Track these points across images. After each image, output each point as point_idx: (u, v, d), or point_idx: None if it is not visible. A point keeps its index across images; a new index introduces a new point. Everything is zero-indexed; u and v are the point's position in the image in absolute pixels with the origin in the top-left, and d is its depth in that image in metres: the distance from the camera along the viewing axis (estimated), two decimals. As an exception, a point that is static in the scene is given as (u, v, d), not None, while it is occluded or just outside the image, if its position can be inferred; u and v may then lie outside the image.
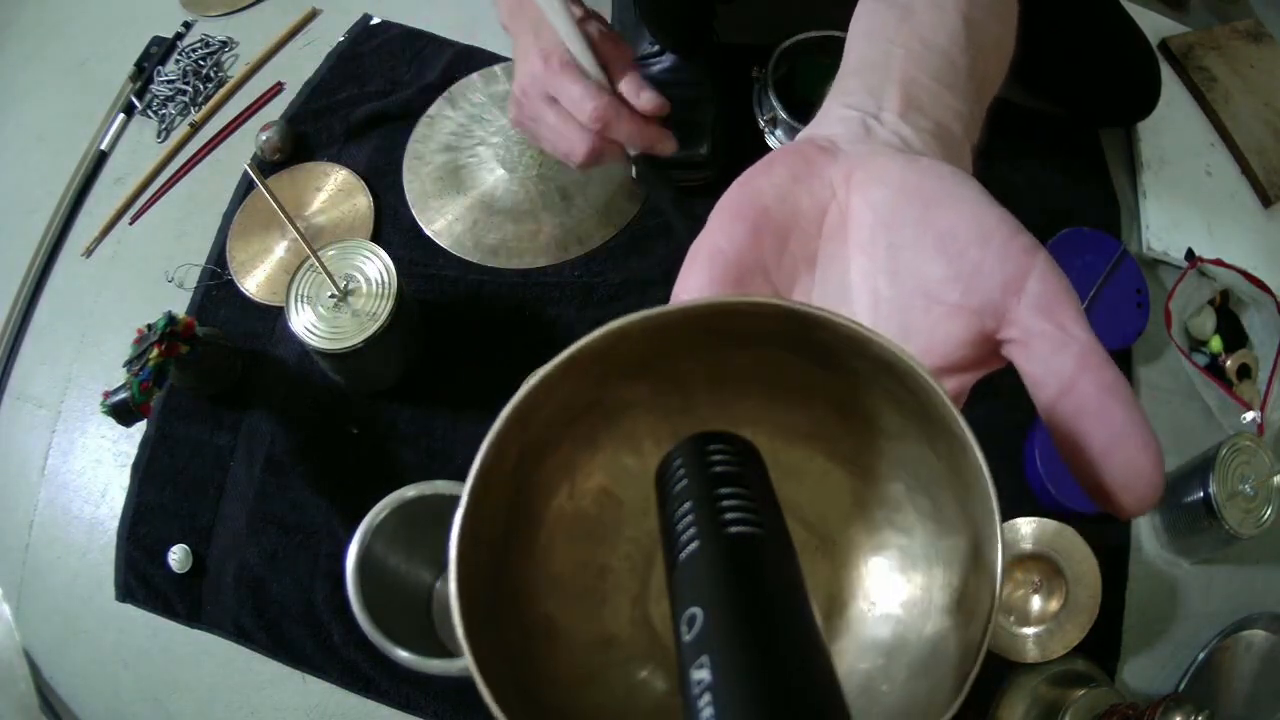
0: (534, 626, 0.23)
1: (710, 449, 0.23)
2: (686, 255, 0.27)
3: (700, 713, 0.16)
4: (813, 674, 0.18)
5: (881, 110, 0.29)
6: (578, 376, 0.22)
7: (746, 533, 0.21)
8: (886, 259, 0.24)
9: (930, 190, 0.24)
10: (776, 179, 0.27)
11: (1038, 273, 0.23)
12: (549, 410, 0.22)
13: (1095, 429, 0.21)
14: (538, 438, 0.23)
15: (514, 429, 0.21)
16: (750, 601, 0.19)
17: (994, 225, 0.23)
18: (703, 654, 0.17)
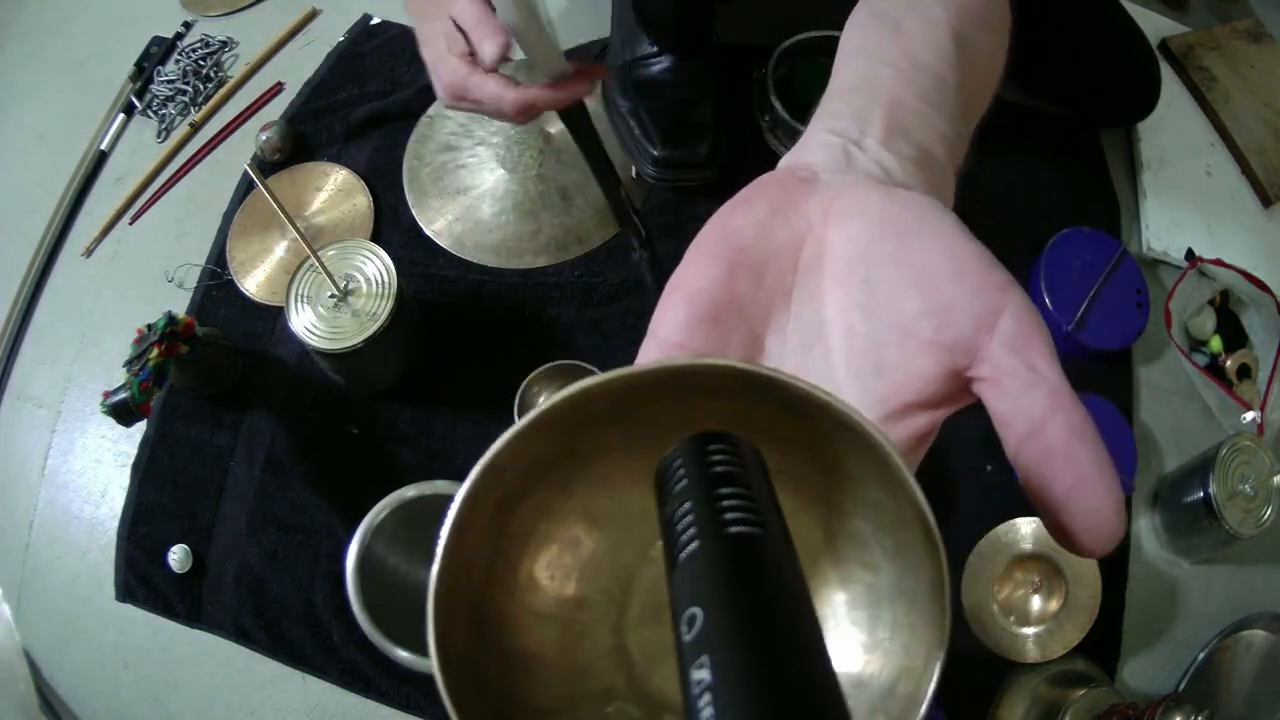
0: (512, 659, 0.24)
1: (710, 449, 0.23)
2: (664, 290, 0.27)
3: (700, 713, 0.16)
4: (813, 674, 0.18)
5: (864, 136, 0.29)
6: (547, 432, 0.22)
7: (746, 533, 0.21)
8: (862, 293, 0.24)
9: (906, 224, 0.25)
10: (755, 214, 0.27)
11: (1011, 310, 0.22)
12: (521, 463, 0.23)
13: (1061, 472, 0.21)
14: (512, 488, 0.23)
15: (486, 483, 0.22)
16: (750, 601, 0.19)
17: (969, 260, 0.23)
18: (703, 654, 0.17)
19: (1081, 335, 0.78)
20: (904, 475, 0.21)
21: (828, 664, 0.18)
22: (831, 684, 0.18)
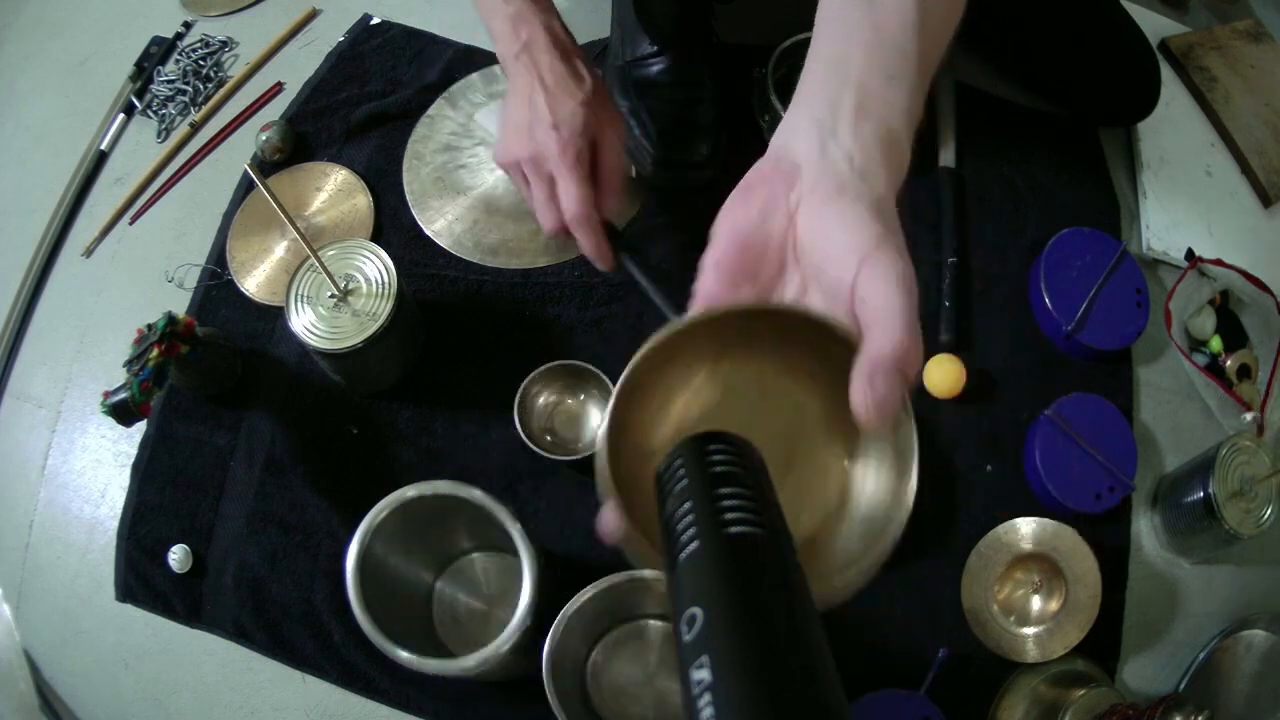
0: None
1: (710, 449, 0.23)
2: (702, 266, 0.41)
3: (700, 713, 0.16)
4: (812, 673, 0.18)
5: (838, 123, 0.40)
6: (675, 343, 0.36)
7: (746, 533, 0.21)
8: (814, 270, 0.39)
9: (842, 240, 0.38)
10: (750, 214, 0.41)
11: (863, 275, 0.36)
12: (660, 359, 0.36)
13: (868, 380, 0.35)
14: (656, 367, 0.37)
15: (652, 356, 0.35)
16: (750, 601, 0.19)
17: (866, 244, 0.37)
18: (703, 654, 0.17)
19: (1081, 335, 0.78)
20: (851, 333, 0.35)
21: (828, 663, 0.18)
22: (831, 684, 0.18)
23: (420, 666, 0.55)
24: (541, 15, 0.65)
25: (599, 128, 0.64)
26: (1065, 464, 0.74)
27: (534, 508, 0.74)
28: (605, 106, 0.65)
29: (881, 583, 0.73)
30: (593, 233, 0.63)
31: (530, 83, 0.63)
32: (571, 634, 0.61)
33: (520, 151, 0.63)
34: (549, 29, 0.65)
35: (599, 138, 0.64)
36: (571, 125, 0.62)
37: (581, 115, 0.62)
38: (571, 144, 0.61)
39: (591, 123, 0.63)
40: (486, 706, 0.69)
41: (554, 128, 0.62)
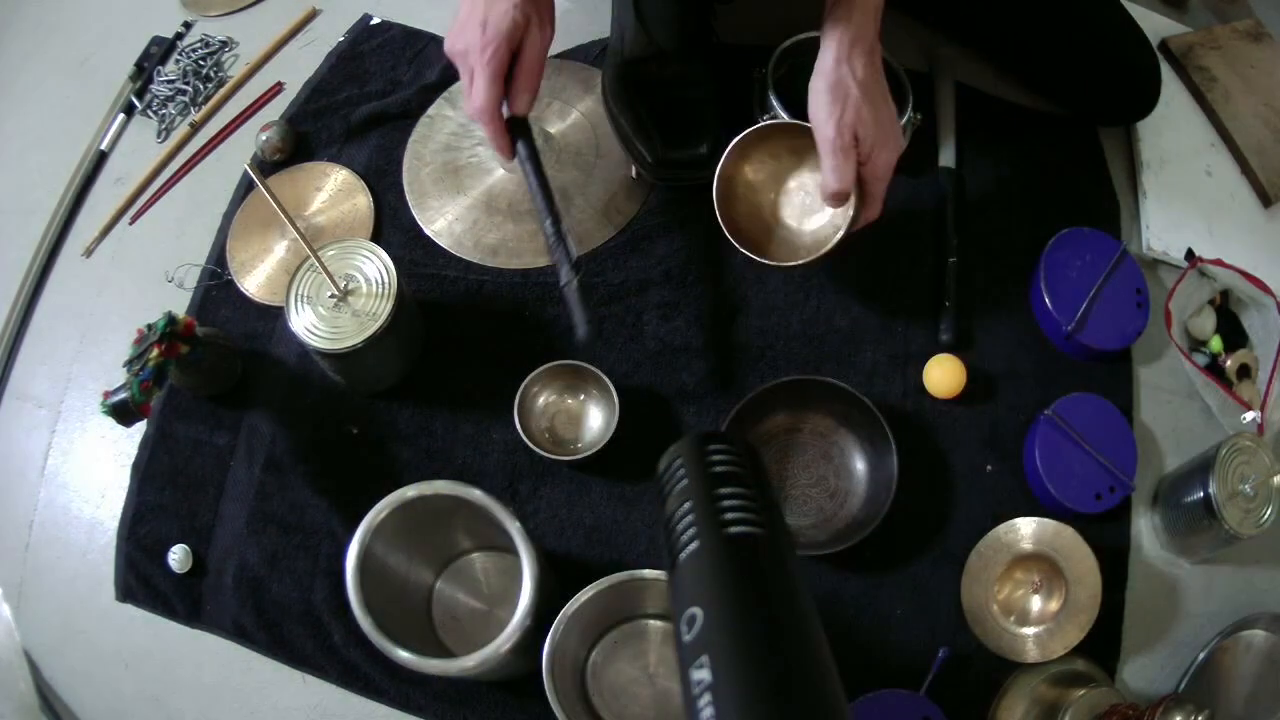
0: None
1: (710, 449, 0.23)
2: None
3: (700, 712, 0.16)
4: (812, 673, 0.18)
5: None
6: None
7: (746, 533, 0.21)
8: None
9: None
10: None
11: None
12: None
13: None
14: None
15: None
16: (750, 601, 0.19)
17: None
18: (703, 654, 0.17)
19: (1081, 335, 0.78)
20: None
21: (828, 663, 0.18)
22: (831, 684, 0.18)
23: (420, 666, 0.55)
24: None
25: (526, 28, 0.68)
26: (1065, 464, 0.74)
27: (534, 508, 0.74)
28: (538, 8, 0.69)
29: (881, 583, 0.73)
30: (489, 124, 0.69)
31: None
32: (571, 634, 0.61)
33: (455, 44, 0.69)
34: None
35: (524, 38, 0.68)
36: (497, 25, 0.66)
37: (510, 16, 0.66)
38: (491, 42, 0.66)
39: (519, 23, 0.67)
40: (486, 706, 0.69)
41: (481, 25, 0.67)
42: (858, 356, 0.79)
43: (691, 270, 0.82)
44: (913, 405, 0.78)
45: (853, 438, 0.76)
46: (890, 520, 0.69)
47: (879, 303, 0.81)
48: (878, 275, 0.82)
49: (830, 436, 0.77)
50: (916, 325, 0.81)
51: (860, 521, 0.72)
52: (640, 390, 0.77)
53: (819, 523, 0.74)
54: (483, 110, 0.69)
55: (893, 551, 0.73)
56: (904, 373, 0.79)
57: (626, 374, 0.78)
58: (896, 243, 0.83)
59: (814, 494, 0.75)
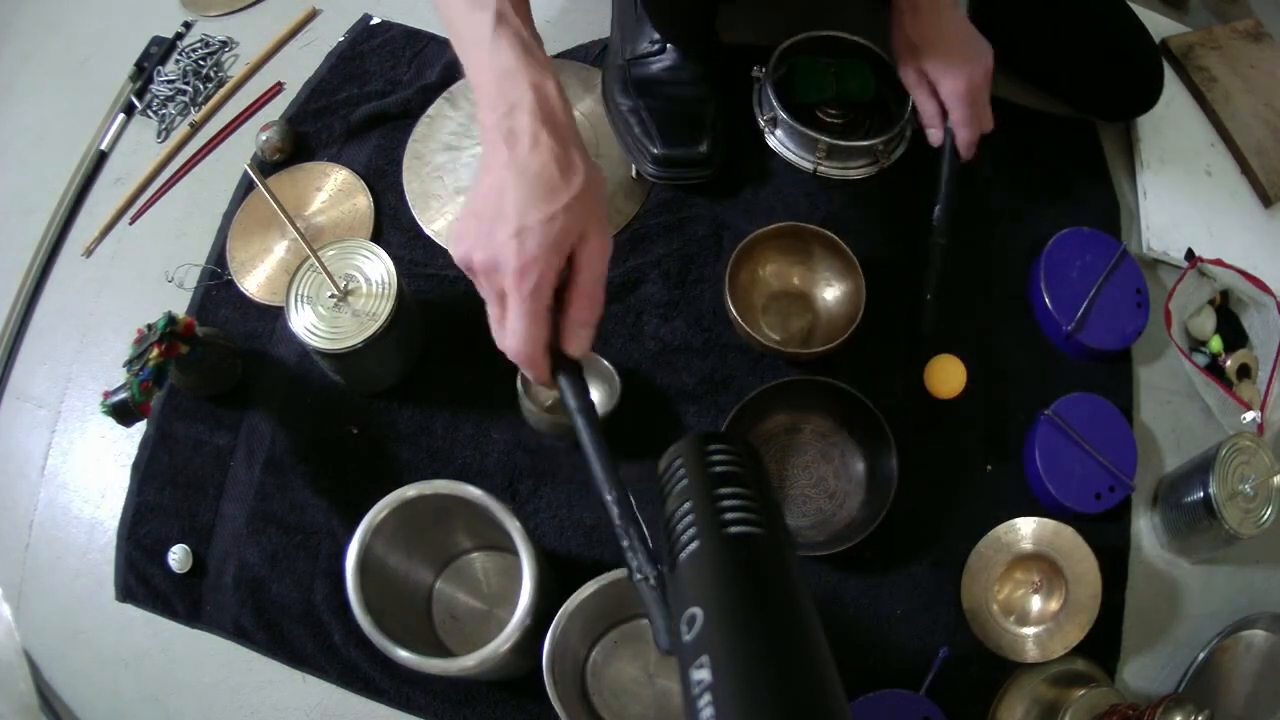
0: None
1: (710, 449, 0.23)
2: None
3: (700, 713, 0.16)
4: (812, 673, 0.18)
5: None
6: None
7: (746, 533, 0.21)
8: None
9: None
10: None
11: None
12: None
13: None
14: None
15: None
16: (750, 601, 0.19)
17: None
18: (703, 654, 0.17)
19: (1081, 335, 0.78)
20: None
21: (827, 663, 0.18)
22: (831, 683, 0.18)
23: (420, 666, 0.55)
24: (533, 72, 0.51)
25: (581, 239, 0.50)
26: (1065, 464, 0.74)
27: (534, 508, 0.74)
28: (593, 208, 0.51)
29: (881, 583, 0.73)
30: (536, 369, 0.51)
31: (505, 163, 0.51)
32: (571, 634, 0.61)
33: (475, 253, 0.52)
34: (539, 91, 0.51)
35: (578, 250, 0.50)
36: (540, 238, 0.48)
37: (558, 225, 0.49)
38: (535, 264, 0.48)
39: (571, 232, 0.49)
40: (486, 706, 0.69)
41: (516, 236, 0.49)
42: (858, 357, 0.79)
43: (691, 270, 0.82)
44: (913, 405, 0.78)
45: (852, 438, 0.76)
46: (890, 520, 0.69)
47: (879, 303, 0.81)
48: (878, 275, 0.82)
49: (830, 437, 0.77)
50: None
51: (860, 522, 0.71)
52: (640, 390, 0.77)
53: (818, 523, 0.74)
54: (528, 357, 0.49)
55: (892, 551, 0.73)
56: (904, 373, 0.79)
57: (626, 374, 0.78)
58: (897, 243, 0.83)
59: (814, 494, 0.76)
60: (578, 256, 0.50)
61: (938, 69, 0.74)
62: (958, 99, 0.74)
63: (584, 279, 0.51)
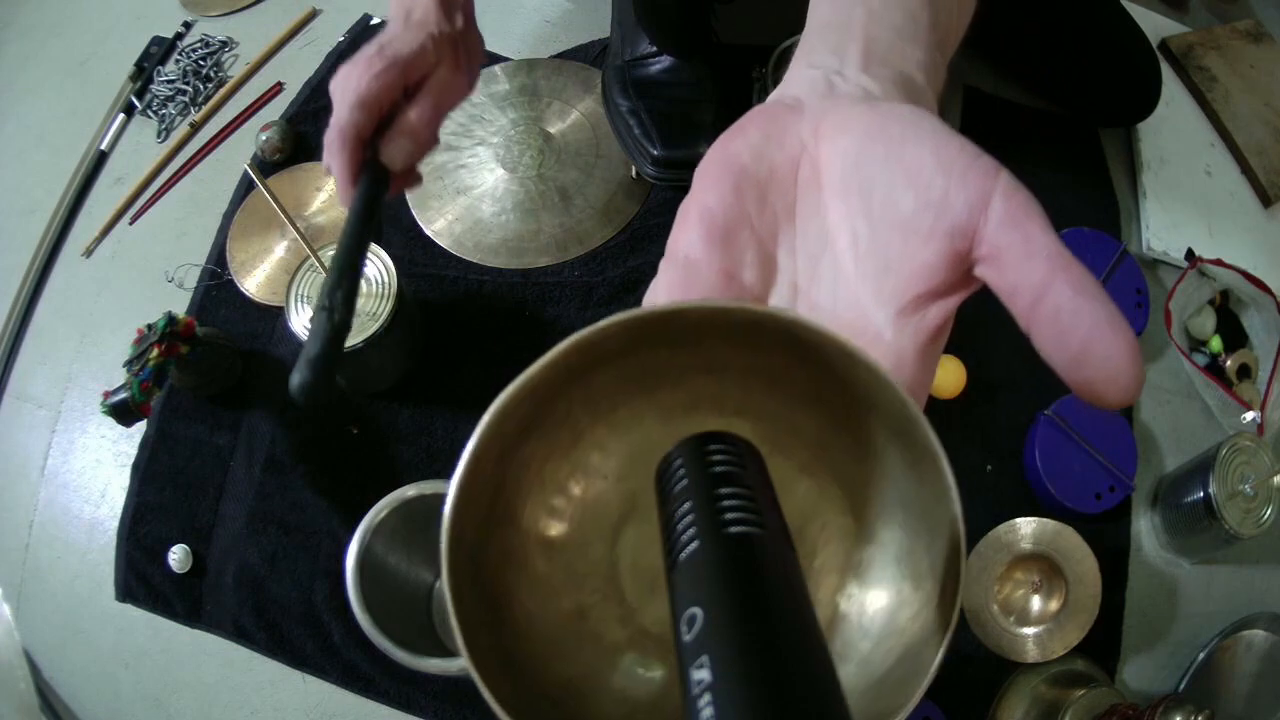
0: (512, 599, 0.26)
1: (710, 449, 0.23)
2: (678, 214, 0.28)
3: (700, 713, 0.16)
4: (813, 674, 0.18)
5: (844, 66, 0.30)
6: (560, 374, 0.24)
7: (746, 533, 0.21)
8: (860, 200, 0.26)
9: (893, 131, 0.26)
10: (750, 140, 0.28)
11: (1000, 191, 0.24)
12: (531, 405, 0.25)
13: (1072, 326, 0.22)
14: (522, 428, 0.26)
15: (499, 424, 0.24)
16: (750, 601, 0.19)
17: (955, 154, 0.25)
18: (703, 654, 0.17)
19: (1081, 335, 0.78)
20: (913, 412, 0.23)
21: (827, 663, 0.18)
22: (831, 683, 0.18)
23: (420, 666, 0.55)
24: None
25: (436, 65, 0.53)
26: (1065, 464, 0.74)
27: (534, 508, 0.74)
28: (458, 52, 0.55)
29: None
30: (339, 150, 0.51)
31: (396, 19, 0.55)
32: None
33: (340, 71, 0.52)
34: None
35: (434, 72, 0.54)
36: (397, 48, 0.51)
37: (413, 44, 0.52)
38: (375, 64, 0.50)
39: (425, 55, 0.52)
40: (486, 706, 0.69)
41: (378, 46, 0.52)
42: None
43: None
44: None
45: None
46: (890, 520, 0.69)
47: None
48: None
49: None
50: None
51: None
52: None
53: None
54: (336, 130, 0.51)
55: (893, 551, 0.73)
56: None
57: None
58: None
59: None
60: (427, 82, 0.54)
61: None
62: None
63: (422, 98, 0.53)
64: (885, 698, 0.22)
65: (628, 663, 0.26)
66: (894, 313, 0.25)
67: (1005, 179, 0.24)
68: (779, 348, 0.23)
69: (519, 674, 0.24)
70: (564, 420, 0.26)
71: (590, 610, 0.27)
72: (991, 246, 0.23)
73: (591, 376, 0.25)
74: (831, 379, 0.24)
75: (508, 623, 0.25)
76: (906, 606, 0.24)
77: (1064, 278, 0.22)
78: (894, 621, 0.24)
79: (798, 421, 0.26)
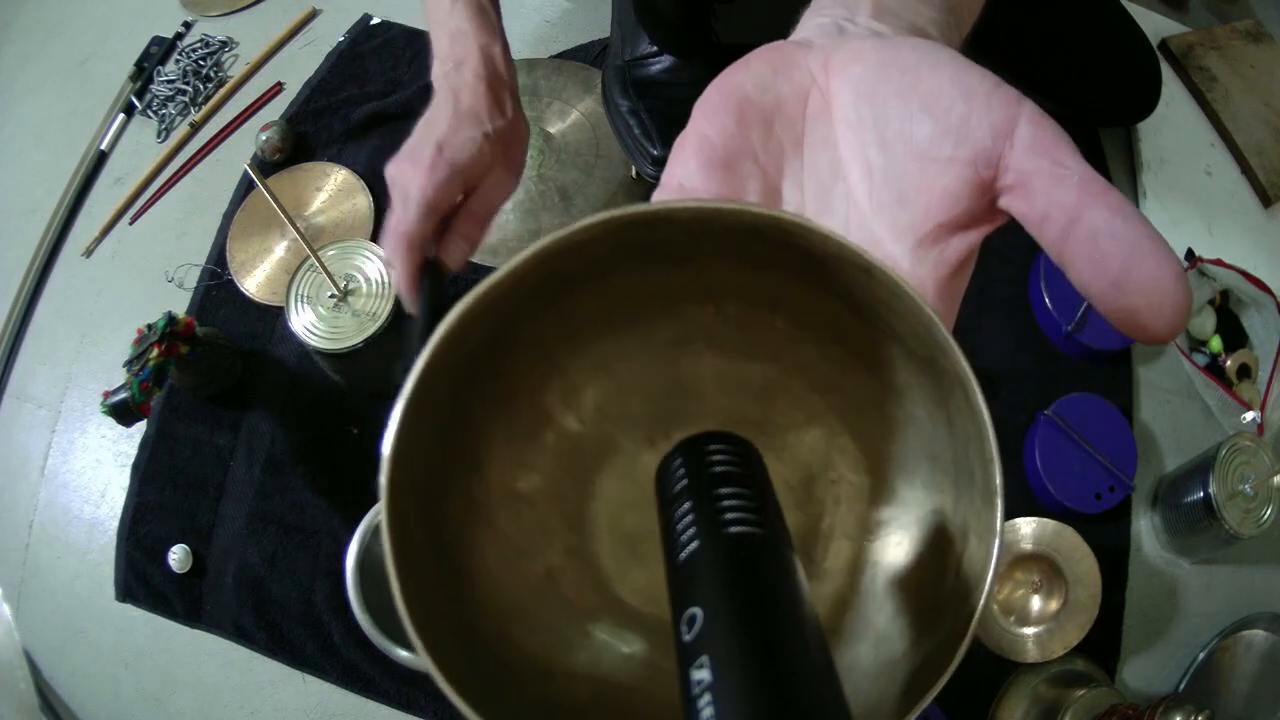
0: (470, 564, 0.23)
1: (710, 449, 0.23)
2: (673, 148, 0.27)
3: (700, 713, 0.16)
4: (813, 674, 0.18)
5: (855, 15, 0.29)
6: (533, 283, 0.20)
7: (746, 533, 0.21)
8: (874, 130, 0.24)
9: (908, 60, 0.24)
10: (755, 71, 0.27)
11: (1026, 117, 0.22)
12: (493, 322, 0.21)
13: (1111, 250, 0.20)
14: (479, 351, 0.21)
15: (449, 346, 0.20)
16: (750, 601, 0.19)
17: (976, 81, 0.23)
18: (703, 654, 0.17)
19: (1081, 335, 0.78)
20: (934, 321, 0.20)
21: (828, 663, 0.18)
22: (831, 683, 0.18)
23: (420, 666, 0.55)
24: (481, 36, 0.58)
25: (489, 171, 0.56)
26: (1065, 464, 0.74)
27: (534, 508, 0.74)
28: (510, 150, 0.57)
29: (881, 583, 0.73)
30: (402, 257, 0.53)
31: (445, 103, 0.57)
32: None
33: (395, 164, 0.56)
34: (485, 52, 0.57)
35: (484, 181, 0.56)
36: (454, 152, 0.54)
37: (474, 147, 0.54)
38: (439, 170, 0.53)
39: (484, 158, 0.55)
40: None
41: (435, 146, 0.54)
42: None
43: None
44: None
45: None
46: (890, 520, 0.69)
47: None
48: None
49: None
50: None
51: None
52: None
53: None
54: (401, 235, 0.52)
55: (893, 551, 0.73)
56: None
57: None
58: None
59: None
60: (481, 185, 0.56)
61: None
62: None
63: (478, 203, 0.56)
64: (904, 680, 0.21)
65: (601, 635, 0.24)
66: (912, 244, 0.23)
67: (1030, 107, 0.22)
68: (784, 264, 0.21)
69: (476, 647, 0.21)
70: (535, 348, 0.23)
71: (561, 574, 0.24)
72: (1018, 174, 0.22)
73: (569, 297, 0.22)
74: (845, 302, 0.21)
75: (467, 587, 0.22)
76: (930, 574, 0.22)
77: (1100, 200, 0.20)
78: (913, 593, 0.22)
79: (805, 358, 0.24)
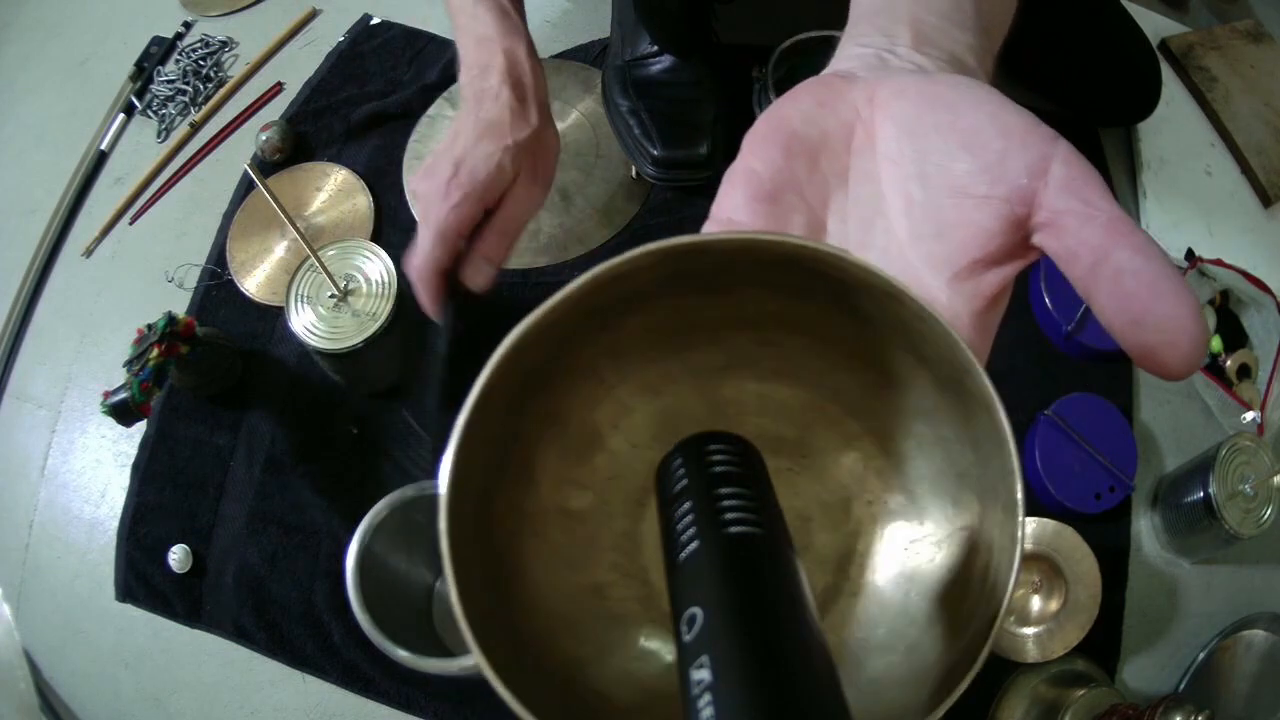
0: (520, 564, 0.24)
1: (710, 449, 0.23)
2: (722, 180, 0.28)
3: (700, 713, 0.16)
4: (813, 673, 0.18)
5: (895, 46, 0.30)
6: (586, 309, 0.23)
7: (746, 533, 0.21)
8: (914, 165, 0.25)
9: (949, 97, 0.26)
10: (802, 105, 0.28)
11: (1060, 157, 0.23)
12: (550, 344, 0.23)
13: (1133, 289, 0.21)
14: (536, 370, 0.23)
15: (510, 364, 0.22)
16: (750, 601, 0.19)
17: (1014, 120, 0.24)
18: (703, 654, 0.17)
19: (1082, 335, 0.78)
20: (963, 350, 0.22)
21: (828, 662, 0.18)
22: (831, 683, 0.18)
23: (420, 666, 0.55)
24: (505, 40, 0.57)
25: (513, 183, 0.55)
26: (1065, 464, 0.74)
27: (534, 508, 0.74)
28: (535, 161, 0.56)
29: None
30: (426, 288, 0.54)
31: (469, 112, 0.56)
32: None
33: (420, 180, 0.56)
34: (509, 56, 0.56)
35: (508, 193, 0.55)
36: (473, 167, 0.53)
37: (494, 161, 0.53)
38: (460, 188, 0.52)
39: (505, 172, 0.54)
40: (486, 706, 0.69)
41: (455, 163, 0.53)
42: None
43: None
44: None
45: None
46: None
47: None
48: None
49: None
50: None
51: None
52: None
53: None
54: (421, 274, 0.54)
55: (893, 551, 0.73)
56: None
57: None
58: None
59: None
60: (505, 200, 0.54)
61: None
62: None
63: (502, 218, 0.54)
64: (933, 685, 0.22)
65: (646, 646, 0.25)
66: (949, 277, 0.25)
67: (1065, 146, 0.23)
68: (821, 293, 0.22)
69: (522, 647, 0.22)
70: (589, 373, 0.25)
71: (609, 588, 0.26)
72: (1051, 212, 0.23)
73: (619, 323, 0.24)
74: (877, 328, 0.23)
75: (516, 593, 0.24)
76: (959, 585, 0.23)
77: (1126, 241, 0.22)
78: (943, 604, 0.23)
79: (841, 383, 0.25)
